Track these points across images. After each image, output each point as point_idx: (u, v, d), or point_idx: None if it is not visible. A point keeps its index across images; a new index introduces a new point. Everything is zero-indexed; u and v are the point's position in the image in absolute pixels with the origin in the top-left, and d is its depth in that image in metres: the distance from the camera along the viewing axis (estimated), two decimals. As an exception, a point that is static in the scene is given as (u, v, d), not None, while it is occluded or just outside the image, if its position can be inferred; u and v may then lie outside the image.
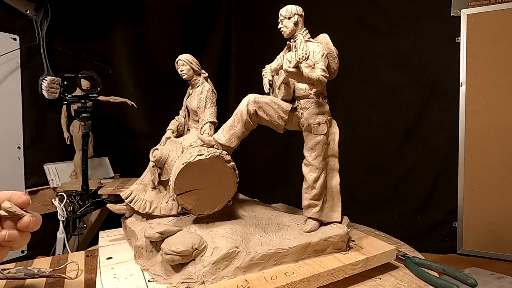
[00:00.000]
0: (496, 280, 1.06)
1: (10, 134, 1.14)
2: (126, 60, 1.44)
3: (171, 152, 0.62)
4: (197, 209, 0.52)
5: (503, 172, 1.20)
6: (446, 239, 1.30)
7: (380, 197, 1.42)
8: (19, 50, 1.14)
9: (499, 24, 1.19)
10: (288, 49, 0.59)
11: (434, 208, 1.33)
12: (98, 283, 0.45)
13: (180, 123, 0.72)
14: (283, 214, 0.61)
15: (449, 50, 1.27)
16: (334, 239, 0.54)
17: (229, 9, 1.69)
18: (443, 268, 0.56)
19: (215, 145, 0.53)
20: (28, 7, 1.15)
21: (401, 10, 1.35)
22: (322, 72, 0.53)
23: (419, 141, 1.35)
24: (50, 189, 1.20)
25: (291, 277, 0.47)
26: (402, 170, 1.38)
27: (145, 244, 0.50)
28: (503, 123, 1.20)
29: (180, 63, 0.67)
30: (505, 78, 1.19)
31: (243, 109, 0.53)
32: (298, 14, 0.57)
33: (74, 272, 0.56)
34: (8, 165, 1.14)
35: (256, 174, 1.65)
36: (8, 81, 1.13)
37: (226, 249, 0.46)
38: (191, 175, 0.50)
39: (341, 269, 0.51)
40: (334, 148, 0.58)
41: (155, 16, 1.51)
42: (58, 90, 1.14)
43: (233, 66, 1.73)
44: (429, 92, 1.32)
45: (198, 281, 0.44)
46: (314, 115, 0.55)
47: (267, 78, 0.62)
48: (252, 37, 1.68)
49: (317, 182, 0.55)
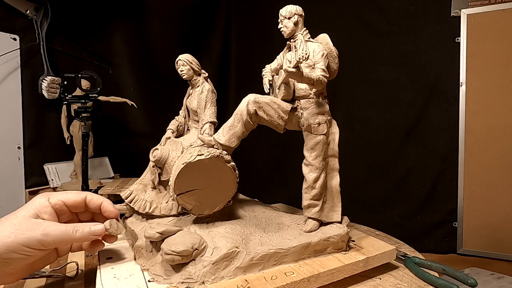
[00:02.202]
0: (496, 280, 1.06)
1: (10, 134, 1.14)
2: (126, 60, 1.45)
3: (171, 152, 0.62)
4: (197, 209, 0.52)
5: (503, 172, 1.20)
6: (446, 239, 1.30)
7: (380, 197, 1.42)
8: (19, 50, 1.15)
9: (499, 24, 1.19)
10: (288, 49, 0.59)
11: (434, 208, 1.33)
12: (98, 283, 0.45)
13: (180, 123, 0.72)
14: (283, 214, 0.61)
15: (449, 50, 1.27)
16: (334, 239, 0.54)
17: (229, 9, 1.69)
18: (443, 268, 0.56)
19: (215, 145, 0.53)
20: (28, 7, 1.15)
21: (401, 10, 1.35)
22: (322, 72, 0.53)
23: (419, 141, 1.35)
24: (50, 189, 1.20)
25: (291, 277, 0.47)
26: (402, 170, 1.38)
27: (145, 244, 0.50)
28: (503, 123, 1.20)
29: (180, 63, 0.67)
30: (505, 78, 1.19)
31: (243, 109, 0.53)
32: (298, 14, 0.57)
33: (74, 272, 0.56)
34: (8, 165, 1.14)
35: (256, 174, 1.65)
36: (8, 81, 1.13)
37: (226, 249, 0.47)
38: (191, 175, 0.50)
39: (341, 269, 0.51)
40: (334, 148, 0.58)
41: (155, 16, 1.51)
42: (58, 90, 1.14)
43: (233, 66, 1.73)
44: (429, 92, 1.32)
45: (198, 281, 0.44)
46: (314, 115, 0.55)
47: (267, 78, 0.62)
48: (252, 37, 1.67)
49: (317, 182, 0.55)
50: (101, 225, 0.47)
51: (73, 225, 0.45)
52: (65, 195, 0.48)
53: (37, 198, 0.46)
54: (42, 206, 0.45)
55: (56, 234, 0.43)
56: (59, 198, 0.47)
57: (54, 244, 0.44)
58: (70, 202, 0.48)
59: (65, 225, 0.45)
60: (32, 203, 0.45)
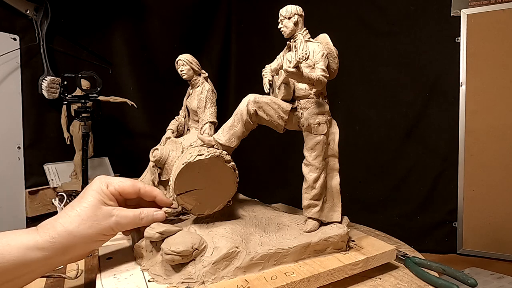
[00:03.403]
0: (496, 280, 1.06)
1: (10, 134, 1.14)
2: (126, 60, 1.44)
3: (171, 152, 0.62)
4: (197, 209, 0.52)
5: (503, 172, 1.20)
6: (446, 239, 1.30)
7: (380, 197, 1.42)
8: (19, 50, 1.14)
9: (499, 24, 1.19)
10: (288, 49, 0.59)
11: (434, 208, 1.33)
12: (98, 283, 0.45)
13: (180, 123, 0.72)
14: (283, 214, 0.60)
15: (449, 50, 1.27)
16: (334, 239, 0.54)
17: (229, 9, 1.69)
18: (443, 268, 0.56)
19: (215, 145, 0.53)
20: (28, 7, 1.15)
21: (401, 10, 1.35)
22: (322, 72, 0.53)
23: (419, 141, 1.35)
24: (50, 189, 1.20)
25: (291, 277, 0.47)
26: (402, 170, 1.38)
27: (145, 244, 0.50)
28: (503, 123, 1.20)
29: (180, 63, 0.67)
30: (505, 78, 1.19)
31: (243, 109, 0.53)
32: (298, 14, 0.57)
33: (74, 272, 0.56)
34: (8, 165, 1.14)
35: (256, 174, 1.65)
36: (8, 81, 1.13)
37: (226, 249, 0.46)
38: (191, 175, 0.50)
39: (341, 269, 0.51)
40: (334, 148, 0.58)
41: (155, 16, 1.51)
42: (58, 90, 1.14)
43: (233, 66, 1.73)
44: (429, 92, 1.32)
45: (198, 281, 0.44)
46: (314, 115, 0.55)
47: (267, 78, 0.62)
48: (252, 37, 1.67)
49: (317, 182, 0.55)
50: (162, 212, 0.51)
51: (139, 211, 0.49)
52: (121, 185, 0.49)
53: (97, 184, 0.47)
54: (104, 193, 0.46)
55: (126, 221, 0.47)
56: (116, 187, 0.48)
57: (123, 229, 0.48)
58: (125, 193, 0.49)
59: (132, 212, 0.48)
60: (94, 190, 0.46)
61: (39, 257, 0.40)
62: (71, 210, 0.44)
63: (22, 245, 0.39)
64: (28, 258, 0.39)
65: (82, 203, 0.45)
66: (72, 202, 0.46)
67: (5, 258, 0.38)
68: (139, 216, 0.48)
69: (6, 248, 0.39)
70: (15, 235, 0.41)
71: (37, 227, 0.43)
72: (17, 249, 0.39)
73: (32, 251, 0.40)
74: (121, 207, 0.48)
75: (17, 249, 0.39)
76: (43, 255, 0.41)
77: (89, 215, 0.44)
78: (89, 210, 0.44)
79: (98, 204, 0.45)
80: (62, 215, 0.44)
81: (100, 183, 0.47)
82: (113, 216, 0.45)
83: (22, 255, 0.39)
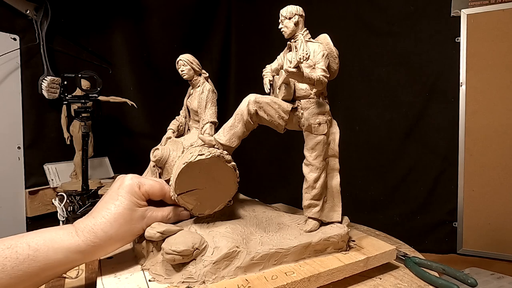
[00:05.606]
0: (496, 280, 1.06)
1: (10, 134, 1.14)
2: (126, 60, 1.44)
3: (172, 152, 0.62)
4: (197, 209, 0.52)
5: (503, 172, 1.20)
6: (446, 239, 1.30)
7: (380, 197, 1.42)
8: (19, 50, 1.14)
9: (499, 24, 1.19)
10: (289, 49, 0.59)
11: (434, 208, 1.33)
12: (99, 283, 0.45)
13: (181, 123, 0.72)
14: (283, 214, 0.61)
15: (449, 50, 1.27)
16: (335, 239, 0.54)
17: (229, 9, 1.69)
18: (443, 268, 0.56)
19: (216, 145, 0.53)
20: (28, 7, 1.15)
21: (401, 10, 1.35)
22: (323, 72, 0.53)
23: (419, 141, 1.35)
24: (50, 189, 1.20)
25: (292, 277, 0.47)
26: (402, 170, 1.38)
27: (146, 244, 0.50)
28: (503, 123, 1.20)
29: (180, 63, 0.67)
30: (505, 78, 1.19)
31: (244, 109, 0.53)
32: (299, 15, 0.57)
33: (74, 272, 0.56)
34: (8, 165, 1.14)
35: (257, 174, 1.65)
36: (8, 81, 1.13)
37: (226, 249, 0.47)
38: (192, 175, 0.50)
39: (341, 269, 0.51)
40: (334, 148, 0.58)
41: (155, 16, 1.51)
42: (58, 90, 1.14)
43: (233, 66, 1.73)
44: (429, 92, 1.32)
45: (198, 280, 0.44)
46: (314, 115, 0.55)
47: (268, 78, 0.62)
48: (252, 37, 1.68)
49: (318, 182, 0.55)
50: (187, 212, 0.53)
51: (167, 212, 0.51)
52: (152, 189, 0.50)
53: (130, 184, 0.48)
54: (137, 194, 0.48)
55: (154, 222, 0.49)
56: (147, 189, 0.49)
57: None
58: (153, 196, 0.51)
59: (161, 213, 0.50)
60: (128, 192, 0.47)
61: (78, 259, 0.44)
62: (106, 211, 0.45)
63: (65, 249, 0.42)
64: (69, 260, 0.43)
65: (117, 206, 0.46)
66: (106, 201, 0.46)
67: (50, 259, 0.41)
68: (167, 216, 0.51)
69: (51, 252, 0.42)
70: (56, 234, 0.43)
71: (75, 229, 0.44)
72: (61, 252, 0.42)
73: (73, 254, 0.43)
74: (152, 208, 0.50)
75: (61, 252, 0.42)
76: (83, 256, 0.44)
77: (127, 219, 0.45)
78: (126, 213, 0.46)
79: (133, 207, 0.47)
80: (99, 217, 0.45)
81: (133, 183, 0.48)
82: (145, 218, 0.48)
83: (65, 257, 0.42)
